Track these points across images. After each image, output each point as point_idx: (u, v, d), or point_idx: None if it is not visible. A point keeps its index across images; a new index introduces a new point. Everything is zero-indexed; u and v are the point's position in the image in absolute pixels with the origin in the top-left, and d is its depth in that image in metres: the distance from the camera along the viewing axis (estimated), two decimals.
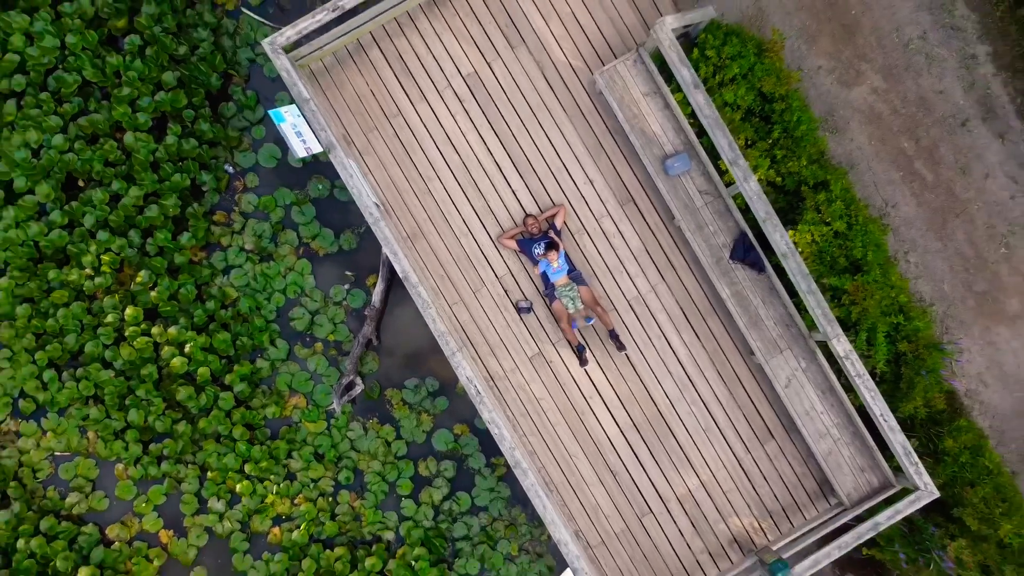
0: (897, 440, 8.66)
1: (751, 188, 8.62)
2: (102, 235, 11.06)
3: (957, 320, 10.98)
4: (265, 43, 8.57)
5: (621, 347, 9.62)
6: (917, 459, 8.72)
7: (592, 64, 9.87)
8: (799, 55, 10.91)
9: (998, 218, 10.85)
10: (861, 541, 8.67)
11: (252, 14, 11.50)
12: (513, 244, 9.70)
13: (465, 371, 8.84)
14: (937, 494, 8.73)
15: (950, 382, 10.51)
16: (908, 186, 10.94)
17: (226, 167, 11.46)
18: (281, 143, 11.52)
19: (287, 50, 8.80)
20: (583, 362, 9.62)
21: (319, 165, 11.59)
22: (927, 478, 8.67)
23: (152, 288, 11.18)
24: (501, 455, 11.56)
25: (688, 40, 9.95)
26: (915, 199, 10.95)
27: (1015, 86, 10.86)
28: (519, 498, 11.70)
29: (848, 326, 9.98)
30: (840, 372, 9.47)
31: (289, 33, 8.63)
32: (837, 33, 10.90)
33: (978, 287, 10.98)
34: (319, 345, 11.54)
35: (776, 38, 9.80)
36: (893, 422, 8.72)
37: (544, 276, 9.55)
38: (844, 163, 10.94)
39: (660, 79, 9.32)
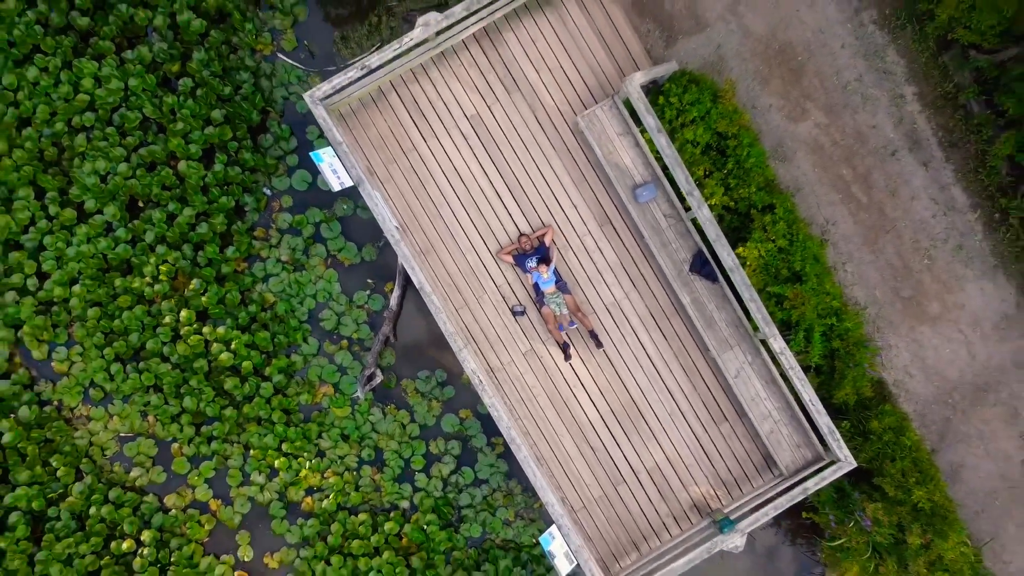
0: (823, 422, 10.63)
1: (704, 215, 10.56)
2: (160, 249, 13.01)
3: (887, 321, 12.93)
4: (306, 96, 10.49)
5: (599, 344, 11.59)
6: (839, 436, 10.69)
7: (575, 108, 11.78)
8: (753, 95, 12.83)
9: (922, 234, 12.79)
10: (793, 503, 10.64)
11: (286, 58, 13.41)
12: (509, 259, 11.64)
13: (469, 364, 10.80)
14: (855, 464, 10.70)
15: (880, 373, 12.47)
16: (846, 207, 12.88)
17: (265, 190, 13.40)
18: (311, 169, 13.45)
19: (323, 100, 10.71)
20: (567, 357, 11.58)
21: (344, 188, 13.51)
22: (847, 451, 10.64)
23: (203, 294, 13.13)
24: (500, 435, 13.51)
25: (656, 86, 11.85)
26: (852, 218, 12.89)
27: (937, 121, 12.77)
28: (515, 473, 13.66)
29: (789, 326, 11.93)
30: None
31: (325, 88, 10.56)
32: (786, 76, 12.81)
33: (904, 293, 12.92)
34: (344, 342, 13.50)
35: (727, 87, 11.72)
36: (820, 406, 10.68)
37: (536, 286, 11.50)
38: (791, 187, 12.87)
39: (631, 122, 11.23)
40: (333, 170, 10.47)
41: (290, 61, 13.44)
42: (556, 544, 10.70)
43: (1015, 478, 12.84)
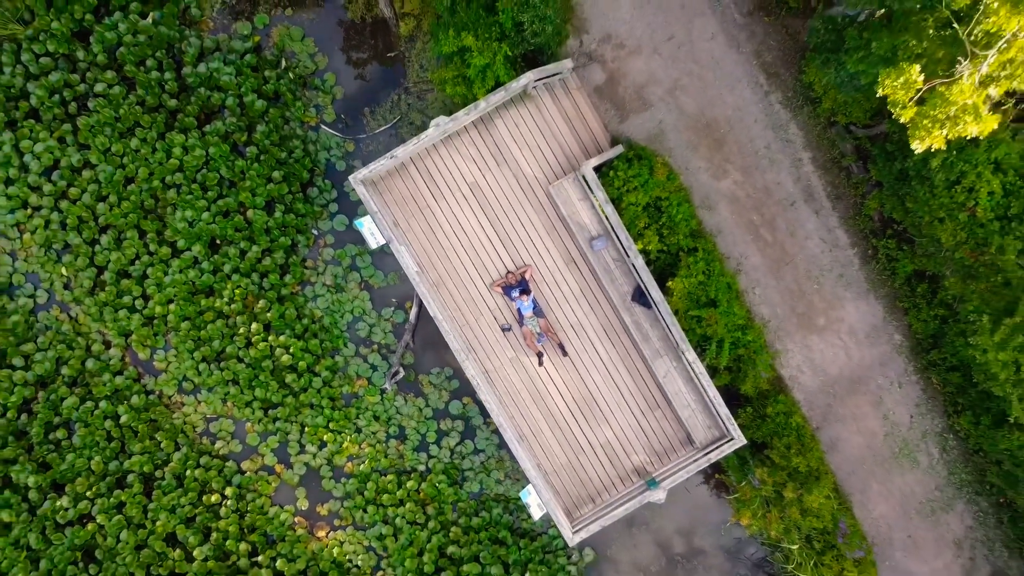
0: (721, 412, 14.91)
1: (638, 263, 14.68)
2: (235, 277, 17.16)
3: (785, 331, 17.10)
4: (351, 178, 14.53)
5: (565, 353, 15.82)
6: (734, 421, 14.97)
7: (549, 177, 15.80)
8: (686, 159, 16.80)
9: (813, 265, 16.88)
10: (700, 468, 14.98)
11: (327, 128, 17.38)
12: (499, 289, 15.80)
13: (469, 368, 15.05)
14: (745, 441, 15.01)
15: (772, 374, 16.69)
16: (755, 244, 16.94)
17: (313, 231, 17.49)
18: (349, 214, 17.49)
19: (363, 180, 14.74)
20: (541, 363, 15.82)
21: (379, 245, 17.58)
22: (739, 432, 14.93)
23: (267, 311, 17.32)
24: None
25: (608, 164, 15.83)
26: (760, 253, 16.95)
27: (826, 179, 16.74)
28: (504, 445, 18.00)
29: (707, 340, 16.11)
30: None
31: (365, 172, 14.58)
32: (711, 144, 16.75)
33: (799, 310, 17.06)
34: (375, 347, 17.73)
35: (660, 165, 15.69)
36: (720, 401, 14.94)
37: (519, 310, 15.68)
38: (715, 230, 16.92)
39: (588, 192, 15.25)
40: (371, 233, 14.59)
41: (331, 131, 17.41)
42: (532, 498, 15.10)
43: (878, 448, 17.17)
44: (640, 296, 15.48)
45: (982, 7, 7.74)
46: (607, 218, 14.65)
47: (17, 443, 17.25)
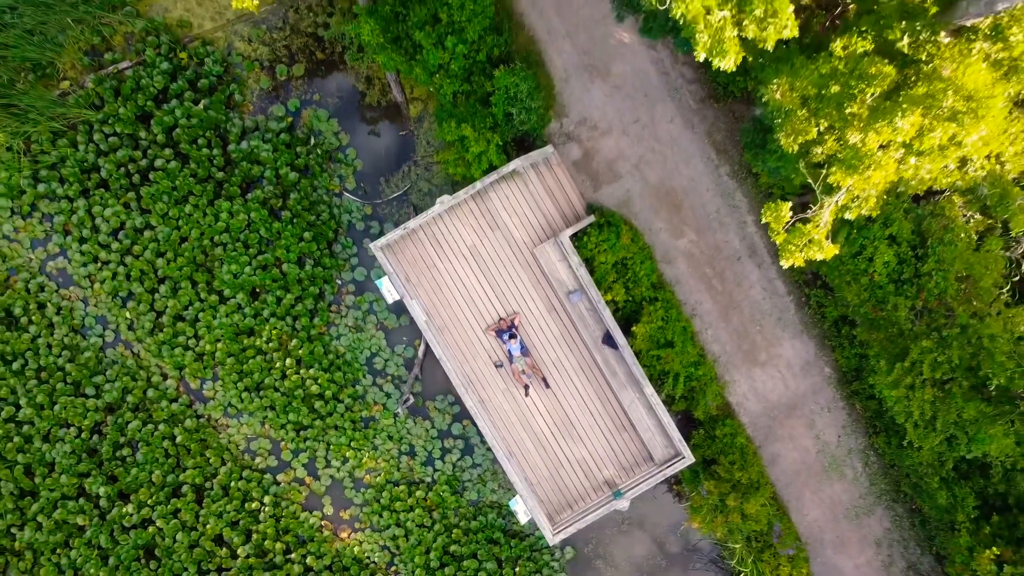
0: (674, 436, 18.24)
1: (605, 314, 18.01)
2: (272, 320, 20.50)
3: (733, 365, 20.41)
4: (372, 245, 17.85)
5: (547, 386, 19.16)
6: (684, 442, 18.29)
7: (534, 240, 19.10)
8: (649, 220, 20.09)
9: (756, 310, 20.17)
10: (658, 481, 18.30)
11: (349, 195, 20.72)
12: (492, 333, 19.12)
13: (468, 398, 18.40)
14: (693, 459, 18.34)
15: (720, 403, 20.01)
16: (708, 293, 20.23)
17: (337, 281, 20.83)
18: (367, 265, 20.81)
19: (381, 247, 18.05)
20: (527, 394, 19.16)
21: (395, 300, 20.91)
22: (688, 450, 18.27)
23: (299, 348, 20.66)
24: None
25: (582, 231, 19.12)
26: (712, 300, 20.24)
27: (766, 239, 20.01)
28: (497, 461, 21.29)
29: (665, 374, 19.41)
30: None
31: (383, 241, 17.91)
32: (670, 208, 20.03)
33: (744, 347, 20.35)
34: (389, 377, 21.07)
35: (626, 231, 18.98)
36: (673, 427, 18.27)
37: (508, 351, 19.00)
38: (673, 281, 20.21)
39: (566, 254, 18.54)
40: (388, 290, 17.95)
41: (352, 197, 20.75)
42: (520, 505, 18.44)
43: (811, 463, 20.47)
44: (609, 339, 18.79)
45: (824, 171, 11.07)
46: (580, 277, 17.98)
47: (90, 459, 20.63)
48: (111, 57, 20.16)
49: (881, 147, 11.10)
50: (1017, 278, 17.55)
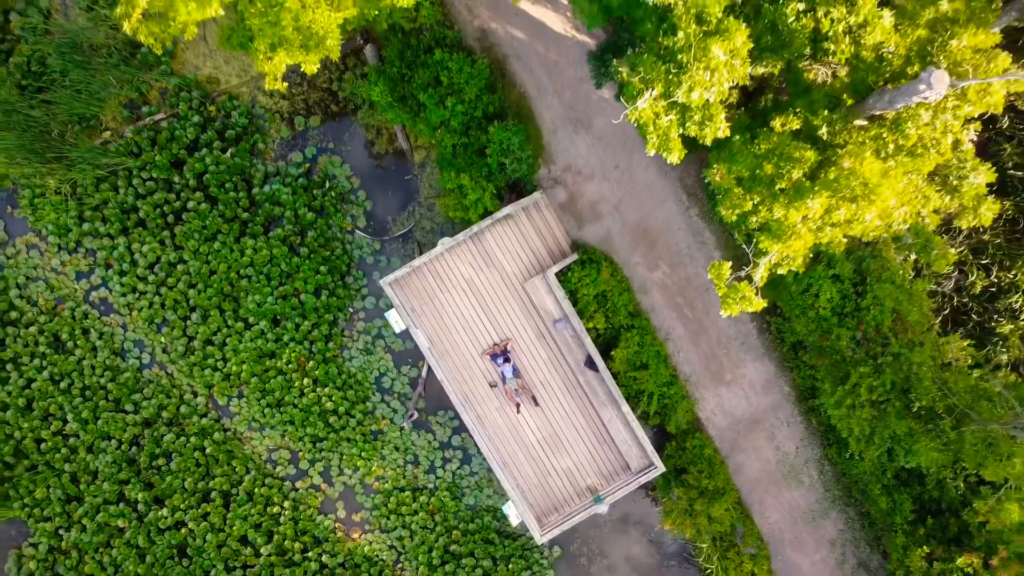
0: (647, 448, 20.75)
1: (587, 341, 20.53)
2: (292, 344, 23.01)
3: (703, 384, 22.91)
4: (381, 281, 20.36)
5: (537, 404, 21.68)
6: (656, 454, 20.79)
7: (525, 276, 21.61)
8: (627, 255, 22.58)
9: (722, 335, 22.66)
10: (635, 487, 20.80)
11: (360, 233, 23.23)
12: (488, 357, 21.64)
13: (466, 414, 20.92)
14: (664, 469, 20.85)
15: (691, 417, 22.51)
16: (680, 320, 22.72)
17: (350, 309, 23.35)
18: (376, 296, 23.32)
19: (390, 283, 20.56)
20: (519, 411, 21.67)
21: (403, 330, 23.42)
22: (660, 461, 20.77)
23: (316, 369, 23.17)
24: None
25: (566, 268, 21.62)
26: (683, 326, 22.73)
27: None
28: (492, 470, 23.80)
29: (640, 393, 21.91)
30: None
31: (391, 278, 20.42)
32: (647, 245, 22.52)
33: (712, 368, 22.84)
34: (396, 395, 23.58)
35: (605, 267, 21.48)
36: (647, 440, 20.77)
37: (502, 373, 21.52)
38: (649, 309, 22.69)
39: (552, 288, 21.05)
40: (395, 321, 20.46)
41: (363, 234, 23.26)
42: (512, 509, 20.96)
43: (772, 471, 22.97)
44: (590, 363, 21.30)
45: (754, 239, 13.58)
46: (565, 308, 20.50)
47: (129, 468, 23.15)
48: (148, 110, 22.66)
49: (803, 219, 13.61)
50: (948, 311, 20.10)
